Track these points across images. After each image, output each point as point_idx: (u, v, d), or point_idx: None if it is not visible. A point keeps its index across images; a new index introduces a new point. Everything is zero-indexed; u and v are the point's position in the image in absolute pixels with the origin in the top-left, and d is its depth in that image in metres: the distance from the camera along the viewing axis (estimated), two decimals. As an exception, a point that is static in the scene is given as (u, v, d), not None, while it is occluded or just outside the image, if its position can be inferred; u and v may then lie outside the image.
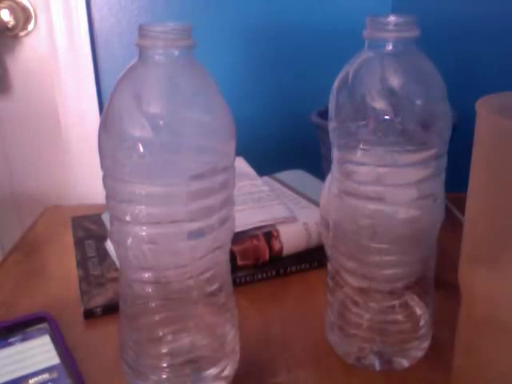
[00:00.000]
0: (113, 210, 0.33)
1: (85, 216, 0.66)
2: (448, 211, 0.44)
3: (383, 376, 0.40)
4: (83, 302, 0.49)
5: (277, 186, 0.66)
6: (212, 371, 0.37)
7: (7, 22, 0.76)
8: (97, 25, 0.80)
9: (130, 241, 0.33)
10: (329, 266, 0.42)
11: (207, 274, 0.35)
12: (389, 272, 0.39)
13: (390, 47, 0.35)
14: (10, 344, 0.42)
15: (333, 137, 0.38)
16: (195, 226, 0.33)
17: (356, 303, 0.40)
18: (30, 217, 0.71)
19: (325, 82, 0.42)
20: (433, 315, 0.41)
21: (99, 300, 0.49)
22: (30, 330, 0.44)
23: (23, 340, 0.43)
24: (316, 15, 0.79)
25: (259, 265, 0.54)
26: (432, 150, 0.35)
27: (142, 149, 0.30)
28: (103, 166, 0.33)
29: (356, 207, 0.37)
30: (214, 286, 0.36)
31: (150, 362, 0.36)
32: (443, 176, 0.37)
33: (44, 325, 0.45)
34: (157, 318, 0.36)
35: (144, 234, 0.32)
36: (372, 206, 0.36)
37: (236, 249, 0.52)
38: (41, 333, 0.44)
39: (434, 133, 0.35)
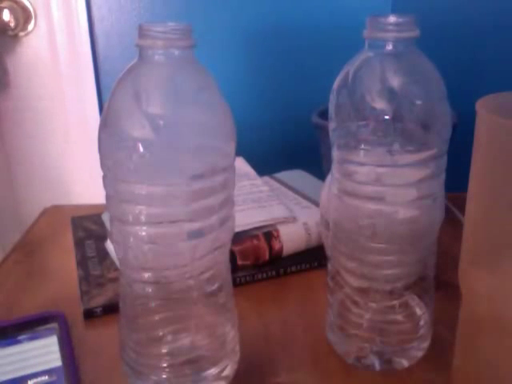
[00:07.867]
0: (113, 210, 0.33)
1: (85, 216, 0.66)
2: (448, 211, 0.44)
3: (383, 376, 0.40)
4: (83, 302, 0.49)
5: (277, 185, 0.66)
6: (212, 371, 0.37)
7: (7, 22, 0.76)
8: (97, 25, 0.80)
9: (130, 241, 0.33)
10: (329, 266, 0.42)
11: (207, 274, 0.35)
12: (388, 272, 0.39)
13: (390, 47, 0.35)
14: (19, 342, 0.42)
15: (333, 137, 0.38)
16: (195, 226, 0.33)
17: (356, 303, 0.40)
18: (30, 217, 0.71)
19: (325, 82, 0.42)
20: (433, 315, 0.41)
21: (99, 300, 0.49)
22: (39, 328, 0.44)
23: (31, 339, 0.43)
24: (316, 15, 0.79)
25: (259, 265, 0.54)
26: (432, 150, 0.35)
27: (142, 149, 0.30)
28: (103, 166, 0.33)
29: (356, 207, 0.37)
30: (214, 286, 0.36)
31: (150, 362, 0.36)
32: (443, 176, 0.37)
33: (54, 324, 0.44)
34: (157, 318, 0.36)
35: (144, 233, 0.32)
36: (372, 205, 0.36)
37: (236, 249, 0.52)
38: (49, 333, 0.43)
39: (433, 133, 0.35)
